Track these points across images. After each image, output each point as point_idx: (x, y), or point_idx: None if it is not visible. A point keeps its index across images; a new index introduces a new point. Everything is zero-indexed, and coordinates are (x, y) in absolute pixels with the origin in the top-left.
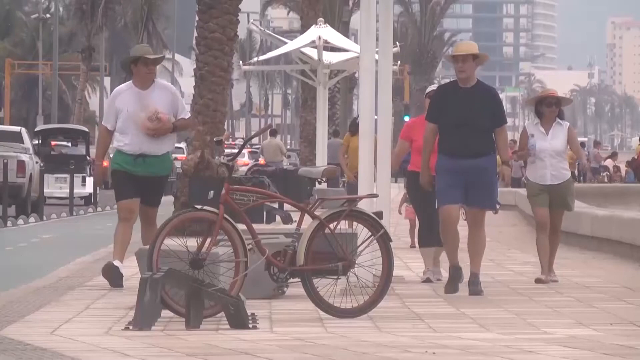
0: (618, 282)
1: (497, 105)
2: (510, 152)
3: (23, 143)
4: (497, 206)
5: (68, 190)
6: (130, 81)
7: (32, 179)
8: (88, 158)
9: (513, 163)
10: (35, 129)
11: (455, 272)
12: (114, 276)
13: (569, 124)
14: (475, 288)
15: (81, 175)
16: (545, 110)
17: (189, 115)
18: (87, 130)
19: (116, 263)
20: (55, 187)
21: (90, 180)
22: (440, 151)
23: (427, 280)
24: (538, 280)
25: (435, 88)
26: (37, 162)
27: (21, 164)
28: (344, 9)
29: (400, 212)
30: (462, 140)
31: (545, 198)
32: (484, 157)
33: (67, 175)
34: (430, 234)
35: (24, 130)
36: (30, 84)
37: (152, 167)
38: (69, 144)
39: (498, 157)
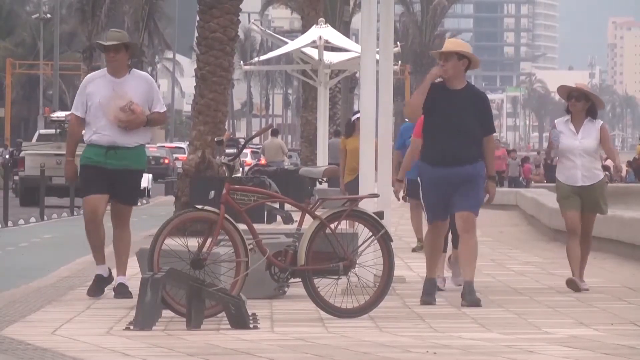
0: (619, 282)
1: (486, 111)
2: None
3: None
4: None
5: None
6: (105, 68)
7: None
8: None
9: (510, 162)
10: None
11: (430, 285)
12: (99, 287)
13: (602, 122)
14: (471, 298)
15: None
16: (568, 104)
17: (165, 109)
18: None
19: (99, 271)
20: None
21: (145, 176)
22: (423, 159)
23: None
24: (569, 281)
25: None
26: None
27: None
28: (345, 9)
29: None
30: (447, 147)
31: (577, 201)
32: (470, 165)
33: None
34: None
35: None
36: (31, 83)
37: (125, 160)
38: None
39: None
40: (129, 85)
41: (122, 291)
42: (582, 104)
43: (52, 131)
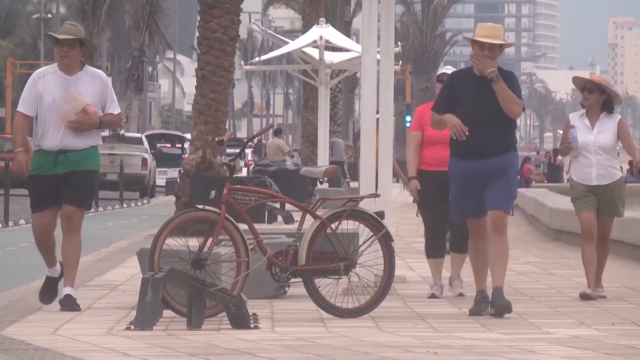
0: (619, 282)
1: (516, 93)
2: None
3: (143, 145)
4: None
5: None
6: (56, 64)
7: (151, 171)
8: (184, 156)
9: None
10: (144, 134)
11: (481, 297)
12: (49, 294)
13: (620, 116)
14: (501, 301)
15: (177, 169)
16: (582, 97)
17: (119, 110)
18: (183, 135)
19: (51, 273)
20: (158, 177)
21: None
22: (452, 153)
23: (432, 296)
24: (583, 296)
25: (448, 71)
26: (152, 160)
27: (144, 161)
28: (346, 9)
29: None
30: (477, 139)
31: (592, 201)
32: (501, 156)
33: (166, 169)
34: (438, 244)
35: (143, 136)
36: None
37: (75, 162)
38: (169, 145)
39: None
40: (82, 84)
41: (68, 303)
42: (595, 96)
43: (105, 133)
